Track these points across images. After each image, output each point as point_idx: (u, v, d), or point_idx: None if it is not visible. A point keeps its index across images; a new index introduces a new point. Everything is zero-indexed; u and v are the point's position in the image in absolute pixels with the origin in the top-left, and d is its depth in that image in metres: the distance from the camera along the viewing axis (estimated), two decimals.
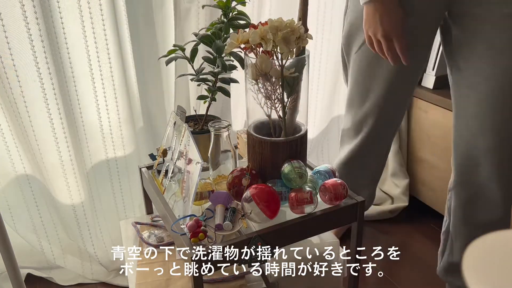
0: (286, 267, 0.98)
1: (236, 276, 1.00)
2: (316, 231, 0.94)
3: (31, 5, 1.25)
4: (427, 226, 1.88)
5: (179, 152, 0.99)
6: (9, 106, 1.36)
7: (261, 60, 0.88)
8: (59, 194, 1.52)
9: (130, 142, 1.56)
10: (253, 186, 0.88)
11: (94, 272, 1.65)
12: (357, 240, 0.99)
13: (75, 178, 1.51)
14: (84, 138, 1.49)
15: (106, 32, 1.38)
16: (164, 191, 1.02)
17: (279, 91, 0.92)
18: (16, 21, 1.26)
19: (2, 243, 1.05)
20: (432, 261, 1.70)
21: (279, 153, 0.95)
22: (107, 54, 1.41)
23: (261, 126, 0.99)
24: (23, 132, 1.40)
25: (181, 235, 0.86)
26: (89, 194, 1.57)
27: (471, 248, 0.54)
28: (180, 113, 1.04)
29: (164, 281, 1.00)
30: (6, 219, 1.50)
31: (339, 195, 0.92)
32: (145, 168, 1.15)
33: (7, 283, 1.48)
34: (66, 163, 1.48)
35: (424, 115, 1.77)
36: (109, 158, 1.56)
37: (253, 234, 0.86)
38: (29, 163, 1.46)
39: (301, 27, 0.88)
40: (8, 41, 1.27)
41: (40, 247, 1.59)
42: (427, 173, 1.84)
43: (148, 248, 1.10)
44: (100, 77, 1.43)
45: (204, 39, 1.10)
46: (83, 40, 1.37)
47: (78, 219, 1.57)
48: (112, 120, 1.51)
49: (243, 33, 0.89)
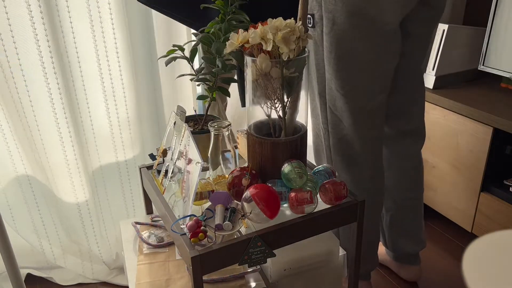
0: (286, 267, 0.98)
1: (236, 276, 1.00)
2: (316, 231, 0.94)
3: (37, 5, 1.25)
4: (427, 226, 1.88)
5: (179, 152, 0.99)
6: (13, 106, 1.36)
7: (261, 60, 0.88)
8: (63, 193, 1.53)
9: (137, 142, 1.57)
10: (253, 186, 0.88)
11: (94, 272, 1.65)
12: (357, 240, 0.99)
13: (80, 177, 1.52)
14: (91, 137, 1.50)
15: (115, 31, 1.38)
16: (164, 191, 1.02)
17: (279, 91, 0.92)
18: (22, 21, 1.26)
19: (2, 243, 1.05)
20: (432, 261, 1.70)
21: (279, 153, 0.95)
22: (116, 53, 1.41)
23: (261, 126, 0.99)
24: (27, 132, 1.40)
25: (181, 235, 0.86)
26: (94, 193, 1.57)
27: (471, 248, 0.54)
28: (180, 113, 1.04)
29: (164, 281, 1.00)
30: (6, 219, 1.51)
31: (339, 195, 0.92)
32: (145, 168, 1.15)
33: (7, 283, 1.48)
34: (71, 162, 1.48)
35: None
36: (116, 158, 1.56)
37: (253, 234, 0.86)
38: (30, 163, 1.47)
39: (301, 27, 0.88)
40: (14, 41, 1.28)
41: (40, 247, 1.59)
42: (427, 173, 1.84)
43: (148, 248, 1.10)
44: (109, 77, 1.44)
45: (204, 39, 1.10)
46: (92, 40, 1.37)
47: (83, 217, 1.57)
48: (121, 120, 1.51)
49: (243, 33, 0.89)
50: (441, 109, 1.70)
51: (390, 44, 1.17)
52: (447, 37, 1.67)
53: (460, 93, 1.70)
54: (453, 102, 1.64)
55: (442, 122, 1.71)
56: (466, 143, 1.63)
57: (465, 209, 1.70)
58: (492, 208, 1.59)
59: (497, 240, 0.56)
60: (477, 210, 1.65)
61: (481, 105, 1.59)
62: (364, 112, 1.21)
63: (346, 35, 1.11)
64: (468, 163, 1.65)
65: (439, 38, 1.68)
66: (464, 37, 1.73)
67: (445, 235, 1.83)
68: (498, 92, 1.72)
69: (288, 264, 0.98)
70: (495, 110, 1.54)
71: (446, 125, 1.69)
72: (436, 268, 1.67)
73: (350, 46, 1.13)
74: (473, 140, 1.61)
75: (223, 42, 1.07)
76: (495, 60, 1.66)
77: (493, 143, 1.55)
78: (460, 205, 1.72)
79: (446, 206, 1.79)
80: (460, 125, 1.64)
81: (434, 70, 1.71)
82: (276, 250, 0.88)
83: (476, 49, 1.74)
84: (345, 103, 1.20)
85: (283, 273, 0.98)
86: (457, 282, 1.61)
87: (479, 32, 1.72)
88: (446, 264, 1.68)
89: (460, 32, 1.71)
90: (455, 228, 1.77)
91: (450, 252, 1.74)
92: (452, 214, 1.77)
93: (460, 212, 1.73)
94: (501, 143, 1.56)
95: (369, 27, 1.11)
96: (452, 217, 1.77)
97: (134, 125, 1.54)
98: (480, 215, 1.64)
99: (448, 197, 1.76)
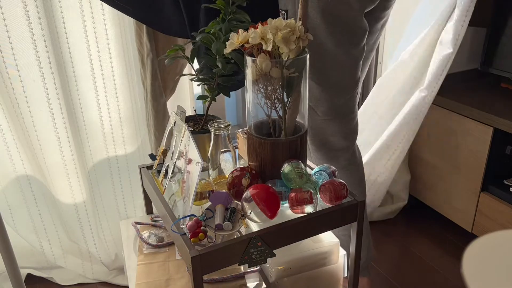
0: (286, 267, 0.98)
1: (236, 276, 1.00)
2: (316, 231, 0.94)
3: (34, 5, 1.25)
4: (427, 226, 1.88)
5: (179, 152, 0.99)
6: (11, 107, 1.36)
7: (261, 60, 0.88)
8: (61, 194, 1.52)
9: (131, 141, 1.57)
10: (253, 186, 0.88)
11: (94, 272, 1.65)
12: (357, 240, 0.99)
13: (77, 178, 1.51)
14: (85, 137, 1.49)
15: (108, 32, 1.38)
16: (164, 191, 1.02)
17: (279, 91, 0.92)
18: (18, 20, 1.26)
19: (2, 243, 1.05)
20: (432, 260, 1.70)
21: (279, 153, 0.95)
22: (109, 54, 1.42)
23: (261, 126, 0.99)
24: (24, 132, 1.40)
25: (181, 235, 0.86)
26: (91, 193, 1.57)
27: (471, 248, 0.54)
28: (180, 113, 1.03)
29: (164, 281, 1.00)
30: (6, 219, 1.51)
31: (339, 195, 0.92)
32: (145, 168, 1.15)
33: (7, 283, 1.48)
34: (69, 162, 1.48)
35: None
36: (110, 157, 1.56)
37: (253, 234, 0.86)
38: (30, 163, 1.47)
39: (301, 27, 0.88)
40: (10, 41, 1.27)
41: (40, 247, 1.59)
42: (427, 173, 1.84)
43: (148, 248, 1.10)
44: (102, 77, 1.43)
45: (204, 40, 1.10)
46: (85, 40, 1.37)
47: (80, 218, 1.57)
48: (113, 119, 1.51)
49: (243, 33, 0.89)
50: (441, 109, 1.70)
51: (358, 39, 1.23)
52: None
53: (460, 93, 1.70)
54: (453, 102, 1.64)
55: (442, 122, 1.71)
56: (466, 143, 1.63)
57: (465, 209, 1.70)
58: (492, 208, 1.59)
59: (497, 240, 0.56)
60: (477, 210, 1.65)
61: (481, 105, 1.59)
62: (338, 105, 1.30)
63: (318, 31, 1.18)
64: (468, 163, 1.65)
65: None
66: (464, 37, 1.73)
67: (445, 235, 1.83)
68: (498, 92, 1.72)
69: (288, 264, 0.98)
70: (495, 110, 1.54)
71: (446, 125, 1.69)
72: (436, 268, 1.67)
73: (321, 42, 1.20)
74: (473, 140, 1.61)
75: (223, 42, 1.07)
76: (495, 60, 1.66)
77: (493, 143, 1.55)
78: (460, 205, 1.72)
79: (446, 206, 1.79)
80: (460, 125, 1.64)
81: None
82: (276, 250, 0.88)
83: (476, 49, 1.74)
84: (320, 95, 1.27)
85: (283, 273, 0.98)
86: (457, 282, 1.61)
87: (479, 32, 1.72)
88: (446, 264, 1.68)
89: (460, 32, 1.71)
90: (455, 228, 1.77)
91: (450, 252, 1.74)
92: (452, 214, 1.77)
93: (460, 212, 1.73)
94: (501, 143, 1.56)
95: (337, 22, 1.18)
96: (452, 217, 1.77)
97: (130, 123, 1.53)
98: (480, 215, 1.64)
99: (448, 197, 1.76)
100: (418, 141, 1.84)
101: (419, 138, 1.83)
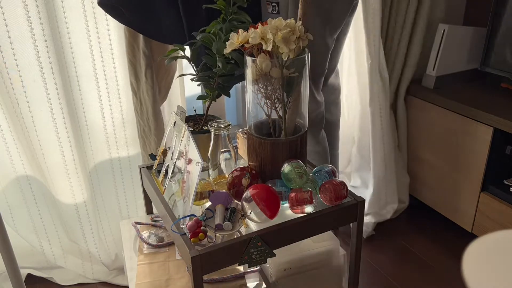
0: (286, 267, 0.98)
1: (236, 276, 1.00)
2: (316, 231, 0.94)
3: (35, 5, 1.25)
4: (427, 226, 1.88)
5: (179, 152, 0.99)
6: (11, 107, 1.36)
7: (261, 60, 0.88)
8: (61, 194, 1.52)
9: (133, 142, 1.57)
10: (253, 186, 0.88)
11: (94, 272, 1.65)
12: (357, 240, 0.99)
13: (78, 178, 1.51)
14: (87, 138, 1.49)
15: (110, 33, 1.38)
16: (164, 191, 1.02)
17: (279, 91, 0.92)
18: (19, 21, 1.26)
19: (2, 243, 1.05)
20: (432, 260, 1.70)
21: (279, 153, 0.95)
22: (111, 54, 1.42)
23: (261, 126, 0.99)
24: (25, 132, 1.40)
25: (181, 235, 0.86)
26: (92, 194, 1.57)
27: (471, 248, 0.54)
28: (180, 113, 1.04)
29: (164, 281, 1.00)
30: (6, 219, 1.51)
31: (339, 195, 0.92)
32: (145, 168, 1.15)
33: (7, 283, 1.48)
34: (69, 162, 1.48)
35: (424, 115, 1.77)
36: (112, 158, 1.56)
37: (253, 234, 0.86)
38: (30, 164, 1.47)
39: (301, 27, 0.88)
40: (11, 41, 1.27)
41: (41, 247, 1.59)
42: (427, 173, 1.84)
43: (148, 248, 1.10)
44: (104, 77, 1.44)
45: (205, 39, 1.10)
46: (87, 40, 1.37)
47: (80, 218, 1.57)
48: (116, 120, 1.51)
49: (243, 33, 0.89)
50: (441, 109, 1.70)
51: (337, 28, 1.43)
52: (447, 37, 1.67)
53: (460, 93, 1.70)
54: (453, 102, 1.64)
55: (442, 122, 1.71)
56: (466, 143, 1.63)
57: (465, 209, 1.70)
58: (492, 208, 1.59)
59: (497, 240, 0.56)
60: (477, 210, 1.65)
61: (481, 105, 1.59)
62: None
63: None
64: (468, 163, 1.65)
65: (439, 38, 1.68)
66: (464, 37, 1.73)
67: (445, 235, 1.83)
68: (498, 92, 1.72)
69: (288, 264, 0.98)
70: (495, 110, 1.54)
71: (446, 125, 1.69)
72: (436, 268, 1.67)
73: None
74: (473, 140, 1.61)
75: (224, 42, 1.07)
76: (495, 60, 1.66)
77: (493, 143, 1.55)
78: (460, 205, 1.72)
79: (446, 206, 1.79)
80: (460, 125, 1.64)
81: (434, 70, 1.71)
82: (276, 250, 0.88)
83: (476, 49, 1.74)
84: None
85: (283, 273, 0.98)
86: (457, 282, 1.61)
87: (479, 32, 1.72)
88: (446, 264, 1.68)
89: (460, 32, 1.71)
90: (455, 228, 1.77)
91: (450, 252, 1.74)
92: (452, 214, 1.77)
93: (460, 212, 1.73)
94: (501, 143, 1.56)
95: (325, 14, 1.34)
96: (452, 217, 1.77)
97: (132, 125, 1.54)
98: (480, 215, 1.64)
99: (448, 197, 1.76)
100: (418, 141, 1.84)
101: (418, 138, 1.83)
